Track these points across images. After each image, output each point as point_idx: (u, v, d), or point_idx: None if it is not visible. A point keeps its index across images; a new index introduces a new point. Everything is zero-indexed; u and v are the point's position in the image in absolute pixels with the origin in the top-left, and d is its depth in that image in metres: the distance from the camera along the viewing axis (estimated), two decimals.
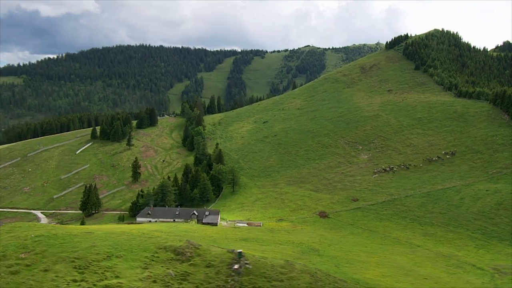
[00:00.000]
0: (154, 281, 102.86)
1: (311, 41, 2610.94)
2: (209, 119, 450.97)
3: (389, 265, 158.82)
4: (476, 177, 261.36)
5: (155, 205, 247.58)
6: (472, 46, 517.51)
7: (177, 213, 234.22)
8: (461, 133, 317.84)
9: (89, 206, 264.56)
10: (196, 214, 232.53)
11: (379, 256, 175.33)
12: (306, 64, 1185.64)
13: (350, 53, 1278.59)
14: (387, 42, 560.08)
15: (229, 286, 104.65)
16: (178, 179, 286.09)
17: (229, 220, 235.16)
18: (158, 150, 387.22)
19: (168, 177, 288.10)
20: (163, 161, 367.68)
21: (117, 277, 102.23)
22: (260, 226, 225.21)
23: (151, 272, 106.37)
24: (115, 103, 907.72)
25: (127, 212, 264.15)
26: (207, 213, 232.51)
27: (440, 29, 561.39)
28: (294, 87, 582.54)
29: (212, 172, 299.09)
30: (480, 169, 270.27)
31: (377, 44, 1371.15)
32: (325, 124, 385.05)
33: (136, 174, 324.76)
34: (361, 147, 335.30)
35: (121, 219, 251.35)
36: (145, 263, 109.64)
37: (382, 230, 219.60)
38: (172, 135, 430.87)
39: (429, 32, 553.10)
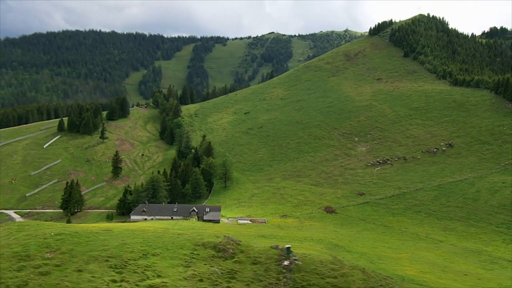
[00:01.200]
0: (201, 280, 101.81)
1: (267, 29, 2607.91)
2: (184, 110, 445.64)
3: (422, 261, 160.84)
4: (488, 169, 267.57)
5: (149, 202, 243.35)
6: (460, 32, 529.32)
7: (175, 210, 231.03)
8: (464, 123, 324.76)
9: (71, 204, 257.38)
10: (196, 211, 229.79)
11: (406, 252, 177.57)
12: (271, 52, 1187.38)
13: (317, 40, 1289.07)
14: (370, 28, 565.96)
15: (282, 283, 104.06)
16: (167, 174, 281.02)
17: (229, 217, 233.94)
18: (135, 143, 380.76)
19: (158, 172, 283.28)
20: (142, 155, 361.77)
21: (159, 276, 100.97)
22: (264, 222, 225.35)
23: (194, 270, 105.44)
24: (66, 94, 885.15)
25: (115, 210, 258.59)
26: (207, 209, 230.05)
27: (426, 14, 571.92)
28: (271, 76, 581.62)
29: (203, 166, 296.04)
30: (490, 161, 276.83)
31: (346, 31, 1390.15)
32: (314, 114, 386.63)
33: (116, 169, 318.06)
34: (357, 139, 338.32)
35: (109, 218, 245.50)
36: (186, 261, 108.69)
37: (397, 225, 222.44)
38: (147, 127, 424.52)
39: (414, 17, 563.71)
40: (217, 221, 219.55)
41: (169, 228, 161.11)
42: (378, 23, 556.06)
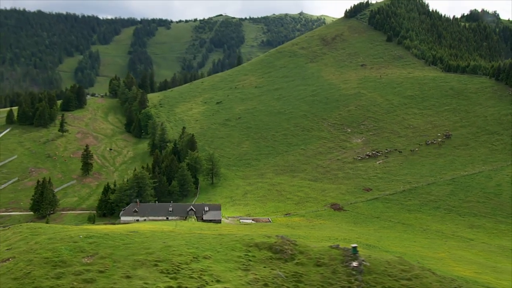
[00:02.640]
0: (265, 285, 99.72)
1: (199, 10, 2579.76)
2: None
3: (465, 261, 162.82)
4: (503, 161, 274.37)
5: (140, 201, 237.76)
6: (442, 15, 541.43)
7: (170, 209, 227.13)
8: (467, 112, 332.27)
9: (44, 205, 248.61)
10: (194, 210, 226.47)
11: (442, 251, 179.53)
12: (221, 36, 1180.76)
13: (271, 24, 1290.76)
14: (346, 10, 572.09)
15: (355, 287, 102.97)
16: (150, 170, 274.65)
17: (229, 217, 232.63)
18: (99, 137, 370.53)
19: (142, 167, 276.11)
20: (110, 149, 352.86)
21: (218, 281, 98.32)
22: (269, 222, 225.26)
23: (255, 274, 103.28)
24: None
25: (95, 212, 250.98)
26: (206, 208, 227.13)
27: None
28: (239, 62, 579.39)
29: (187, 161, 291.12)
30: (503, 152, 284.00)
31: (301, 14, 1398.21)
32: (297, 104, 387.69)
33: (87, 165, 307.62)
34: (350, 130, 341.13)
35: (91, 220, 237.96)
36: (243, 264, 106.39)
37: (417, 223, 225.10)
38: (109, 118, 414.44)
39: None
40: (219, 221, 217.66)
41: (171, 232, 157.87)
42: (354, 4, 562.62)
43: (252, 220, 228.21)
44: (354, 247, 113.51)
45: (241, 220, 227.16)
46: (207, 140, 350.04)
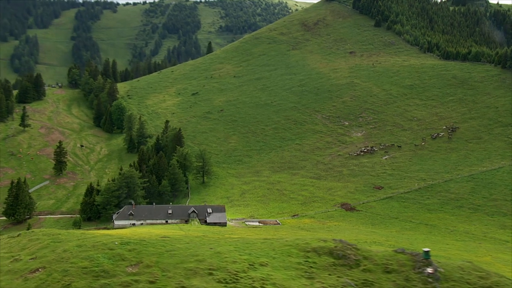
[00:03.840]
0: None
1: None
2: None
3: None
4: None
5: (129, 204, 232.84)
6: None
7: (169, 212, 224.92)
8: (474, 102, 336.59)
9: (20, 209, 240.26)
10: (197, 212, 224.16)
11: (483, 254, 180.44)
12: (175, 21, 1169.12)
13: (229, 8, 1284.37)
14: None
15: None
16: (137, 168, 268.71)
17: (232, 219, 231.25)
18: (65, 132, 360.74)
19: (130, 165, 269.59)
20: (82, 146, 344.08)
21: None
22: (279, 224, 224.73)
23: (322, 283, 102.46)
24: None
25: (78, 215, 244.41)
26: (209, 210, 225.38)
27: None
28: (209, 50, 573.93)
29: (175, 158, 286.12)
30: None
31: None
32: (285, 95, 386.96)
33: (60, 164, 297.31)
34: (347, 123, 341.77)
35: (77, 225, 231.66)
36: (305, 272, 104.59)
37: (441, 224, 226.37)
38: (73, 111, 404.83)
39: None
40: (224, 224, 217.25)
41: (179, 237, 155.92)
42: None
43: (259, 222, 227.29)
44: (426, 252, 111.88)
45: (247, 223, 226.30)
46: (188, 135, 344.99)
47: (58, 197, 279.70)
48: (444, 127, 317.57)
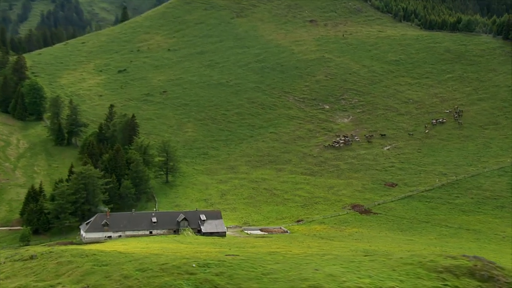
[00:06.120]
0: None
1: None
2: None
3: None
4: None
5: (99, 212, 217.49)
6: None
7: (154, 220, 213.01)
8: (479, 81, 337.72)
9: None
10: (188, 220, 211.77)
11: None
12: None
13: None
14: None
15: None
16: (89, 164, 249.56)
17: (226, 227, 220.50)
18: None
19: (85, 163, 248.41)
20: None
21: None
22: (287, 232, 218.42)
23: None
24: None
25: (26, 227, 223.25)
26: (203, 216, 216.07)
27: None
28: (125, 16, 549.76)
29: (132, 151, 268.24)
30: None
31: None
32: (242, 73, 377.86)
33: None
34: (328, 107, 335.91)
35: (24, 240, 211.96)
36: None
37: (485, 228, 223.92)
38: None
39: None
40: (223, 234, 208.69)
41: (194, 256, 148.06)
42: None
43: (261, 230, 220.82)
44: None
45: (247, 232, 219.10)
46: None
47: None
48: (448, 110, 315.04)
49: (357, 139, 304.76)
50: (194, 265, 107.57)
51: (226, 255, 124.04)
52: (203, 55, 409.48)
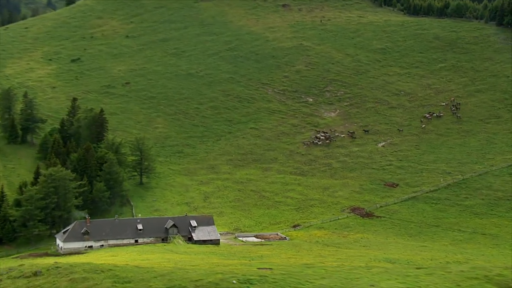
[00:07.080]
0: None
1: None
2: None
3: None
4: None
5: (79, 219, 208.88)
6: None
7: (139, 227, 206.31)
8: (475, 70, 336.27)
9: None
10: (177, 227, 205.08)
11: None
12: None
13: None
14: None
15: None
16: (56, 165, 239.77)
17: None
18: None
19: (55, 163, 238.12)
20: None
21: None
22: (286, 239, 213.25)
23: None
24: None
25: None
26: (193, 222, 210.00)
27: None
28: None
29: (103, 150, 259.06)
30: None
31: None
32: (212, 62, 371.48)
33: None
34: (311, 99, 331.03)
35: None
36: None
37: (502, 232, 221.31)
38: None
39: None
40: (217, 242, 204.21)
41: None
42: None
43: (255, 237, 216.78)
44: None
45: (241, 239, 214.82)
46: None
47: None
48: (444, 103, 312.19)
49: (342, 135, 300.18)
50: (234, 281, 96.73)
51: (258, 268, 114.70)
52: (166, 43, 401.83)
